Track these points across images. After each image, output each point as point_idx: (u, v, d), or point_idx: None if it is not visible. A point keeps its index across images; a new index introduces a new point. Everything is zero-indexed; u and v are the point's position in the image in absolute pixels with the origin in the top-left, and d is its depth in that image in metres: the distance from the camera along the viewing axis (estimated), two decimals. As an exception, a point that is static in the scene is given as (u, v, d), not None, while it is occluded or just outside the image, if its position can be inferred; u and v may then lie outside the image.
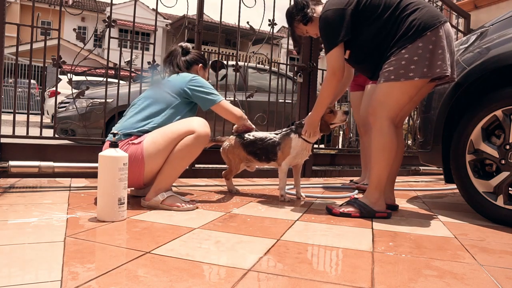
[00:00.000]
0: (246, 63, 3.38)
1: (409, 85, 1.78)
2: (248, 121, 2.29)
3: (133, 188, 2.13)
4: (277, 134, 2.24)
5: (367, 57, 1.93)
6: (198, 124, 1.87)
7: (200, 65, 2.21)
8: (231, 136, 2.35)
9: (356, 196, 2.47)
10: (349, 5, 1.84)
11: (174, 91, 2.00)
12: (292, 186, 2.44)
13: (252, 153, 2.26)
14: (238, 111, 2.18)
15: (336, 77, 1.91)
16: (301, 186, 2.44)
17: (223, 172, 2.45)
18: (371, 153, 1.90)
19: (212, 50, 16.14)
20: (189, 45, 2.24)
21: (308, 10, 2.03)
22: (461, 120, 2.02)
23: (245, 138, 2.27)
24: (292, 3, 2.14)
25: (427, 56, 1.73)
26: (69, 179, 2.53)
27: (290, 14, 2.10)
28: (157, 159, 1.84)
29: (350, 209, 1.88)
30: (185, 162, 1.89)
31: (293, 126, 2.23)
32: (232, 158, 2.35)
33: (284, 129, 2.26)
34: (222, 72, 3.10)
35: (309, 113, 2.13)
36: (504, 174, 1.81)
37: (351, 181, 3.07)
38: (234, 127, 2.33)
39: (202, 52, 2.42)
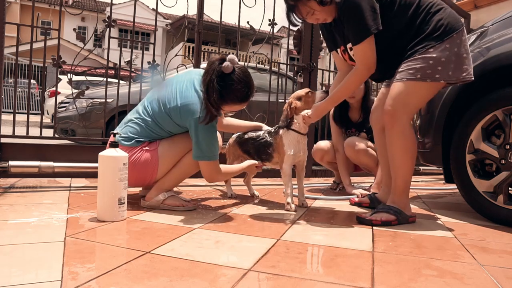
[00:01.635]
0: (246, 63, 3.39)
1: (433, 87, 1.71)
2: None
3: (141, 189, 2.12)
4: (270, 132, 2.11)
5: (382, 55, 1.76)
6: None
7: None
8: None
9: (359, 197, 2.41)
10: None
11: (182, 124, 1.86)
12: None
13: (247, 152, 2.23)
14: (217, 172, 1.89)
15: (371, 71, 1.77)
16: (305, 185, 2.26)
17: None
18: (389, 155, 1.80)
19: (212, 50, 16.14)
20: None
21: None
22: (461, 120, 2.01)
23: (241, 136, 2.24)
24: None
25: (452, 59, 1.67)
26: (69, 179, 2.53)
27: None
28: (169, 164, 1.89)
29: (389, 217, 1.76)
30: (194, 169, 1.90)
31: (280, 123, 2.07)
32: (228, 156, 2.34)
33: (273, 128, 2.13)
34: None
35: (320, 102, 1.91)
36: (504, 174, 1.81)
37: (334, 182, 2.94)
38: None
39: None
